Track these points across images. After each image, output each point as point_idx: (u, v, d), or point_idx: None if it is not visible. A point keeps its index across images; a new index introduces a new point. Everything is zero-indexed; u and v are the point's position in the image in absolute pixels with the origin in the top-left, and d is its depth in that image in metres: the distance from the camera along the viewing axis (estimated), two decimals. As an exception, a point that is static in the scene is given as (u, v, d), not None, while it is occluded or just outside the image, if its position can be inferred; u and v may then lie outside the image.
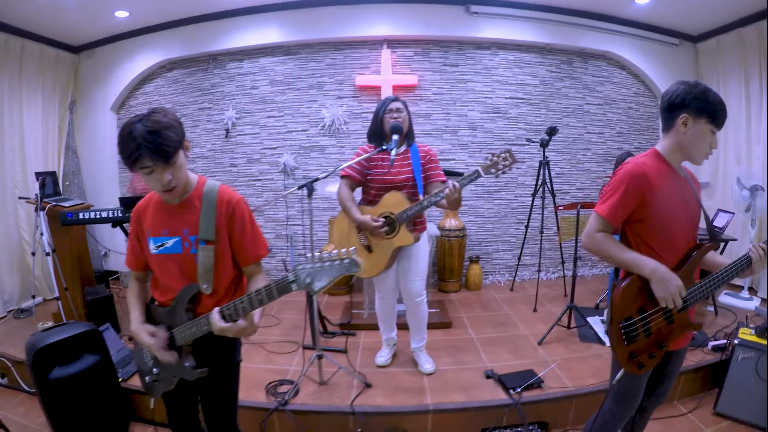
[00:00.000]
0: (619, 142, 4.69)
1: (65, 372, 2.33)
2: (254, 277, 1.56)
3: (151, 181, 1.34)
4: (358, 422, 2.34)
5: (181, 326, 1.45)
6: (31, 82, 4.21)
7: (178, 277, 1.47)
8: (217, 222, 1.45)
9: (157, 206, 1.49)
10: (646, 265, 1.46)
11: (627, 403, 1.67)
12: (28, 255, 4.17)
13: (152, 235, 1.47)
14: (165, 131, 1.29)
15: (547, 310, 3.75)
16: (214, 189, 1.48)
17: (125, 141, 1.27)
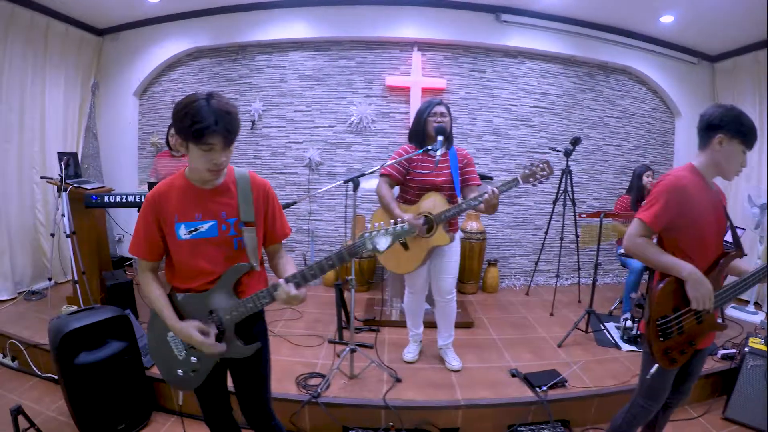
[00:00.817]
0: (635, 155, 4.94)
1: (91, 358, 2.33)
2: (278, 253, 1.66)
3: (203, 160, 1.36)
4: (390, 416, 2.44)
5: (230, 305, 1.49)
6: (54, 62, 4.27)
7: (217, 260, 1.49)
8: (255, 204, 1.53)
9: (183, 191, 1.48)
10: (683, 269, 1.64)
11: (657, 396, 1.84)
12: (42, 236, 4.23)
13: (182, 220, 1.46)
14: (236, 115, 1.38)
15: (563, 314, 3.95)
16: (245, 174, 1.55)
17: (195, 114, 1.29)
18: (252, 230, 1.52)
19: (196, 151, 1.35)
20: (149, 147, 4.90)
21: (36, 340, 3.02)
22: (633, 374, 2.82)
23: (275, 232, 1.62)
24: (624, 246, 1.79)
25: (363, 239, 1.40)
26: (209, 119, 1.29)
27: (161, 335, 1.57)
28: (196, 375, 1.57)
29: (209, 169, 1.39)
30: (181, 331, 1.47)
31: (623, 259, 3.78)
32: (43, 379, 2.92)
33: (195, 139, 1.32)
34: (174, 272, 1.56)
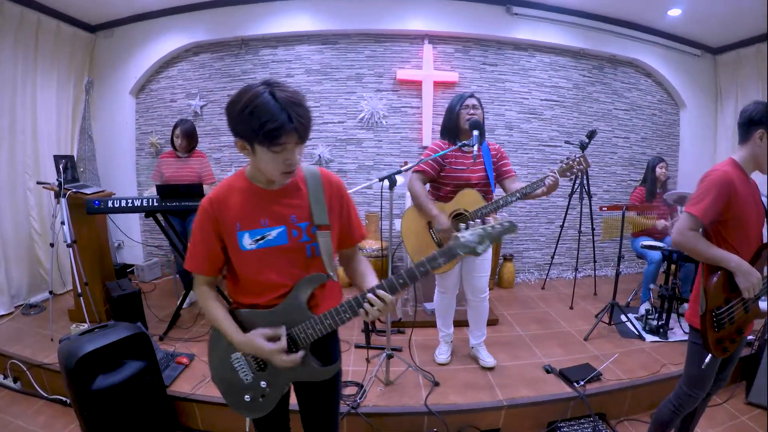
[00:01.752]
0: (643, 147, 5.10)
1: (109, 381, 2.20)
2: (355, 258, 1.53)
3: (275, 163, 1.21)
4: (432, 422, 2.44)
5: (305, 322, 1.33)
6: (46, 60, 4.12)
7: (287, 272, 1.34)
8: (328, 205, 1.37)
9: (245, 194, 1.33)
10: (732, 260, 1.74)
11: (703, 385, 1.93)
12: (38, 246, 4.09)
13: (246, 228, 1.31)
14: (306, 105, 1.18)
15: (582, 307, 4.06)
16: (315, 171, 1.40)
17: (263, 112, 1.11)
18: (327, 234, 1.36)
19: (266, 154, 1.18)
20: (148, 148, 4.79)
21: (40, 360, 2.88)
22: (661, 364, 2.94)
23: (351, 235, 1.48)
24: (673, 239, 1.87)
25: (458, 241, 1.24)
26: (281, 116, 1.11)
27: (224, 357, 1.43)
28: (265, 400, 1.43)
29: (283, 171, 1.23)
30: (246, 345, 1.32)
31: (641, 250, 3.89)
32: (50, 401, 2.78)
33: (266, 141, 1.14)
34: (237, 286, 1.41)
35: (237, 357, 1.41)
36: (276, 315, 1.35)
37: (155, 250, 4.92)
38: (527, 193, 2.48)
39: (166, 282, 4.67)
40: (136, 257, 4.83)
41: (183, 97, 4.68)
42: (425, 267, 1.27)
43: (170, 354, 2.93)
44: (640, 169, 4.94)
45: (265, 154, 1.18)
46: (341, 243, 1.47)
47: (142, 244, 4.87)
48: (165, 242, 4.79)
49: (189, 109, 4.64)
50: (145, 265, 4.65)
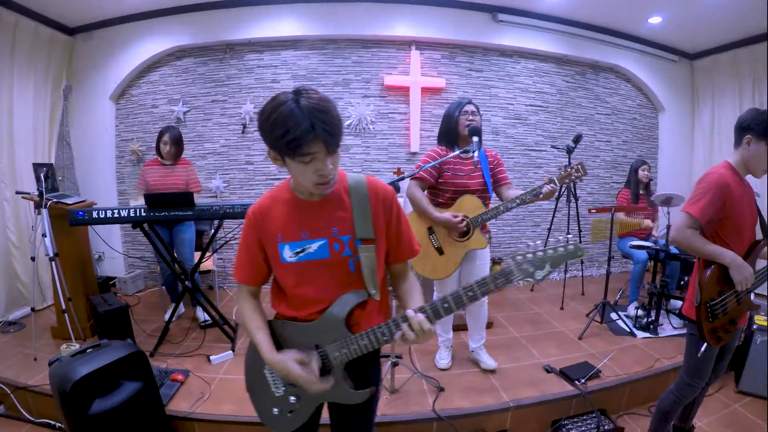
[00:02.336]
0: (624, 150, 5.31)
1: (107, 405, 2.10)
2: (403, 275, 1.45)
3: (306, 174, 1.17)
4: (441, 427, 2.46)
5: (340, 341, 1.30)
6: (22, 64, 3.97)
7: (326, 287, 1.31)
8: (374, 217, 1.31)
9: (288, 206, 1.31)
10: (727, 255, 1.88)
11: (702, 374, 2.06)
12: (15, 259, 3.92)
13: (287, 240, 1.29)
14: (333, 111, 1.13)
15: (572, 307, 4.18)
16: (361, 180, 1.34)
17: (286, 121, 1.08)
18: (371, 249, 1.30)
19: (295, 166, 1.15)
20: (128, 155, 4.67)
21: (24, 381, 2.73)
22: (654, 359, 3.06)
23: (401, 250, 1.40)
24: (671, 237, 2.02)
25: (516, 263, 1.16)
26: (304, 124, 1.07)
27: (258, 368, 1.41)
28: (293, 416, 1.40)
29: (317, 183, 1.18)
30: (276, 365, 1.29)
31: (627, 250, 4.03)
32: (38, 425, 2.64)
33: (291, 151, 1.11)
34: (280, 297, 1.41)
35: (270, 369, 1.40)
36: (312, 330, 1.33)
37: (137, 262, 4.79)
38: (526, 200, 2.57)
39: (149, 294, 4.56)
40: (118, 269, 4.69)
41: (165, 102, 4.60)
42: (474, 292, 1.18)
43: (164, 371, 2.83)
44: (622, 171, 5.14)
45: (296, 166, 1.16)
46: (390, 258, 1.41)
47: (125, 255, 4.72)
48: (147, 253, 4.69)
49: (171, 116, 4.57)
50: (128, 278, 4.52)
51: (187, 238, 3.68)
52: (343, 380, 1.33)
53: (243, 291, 1.42)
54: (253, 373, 1.45)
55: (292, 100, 1.09)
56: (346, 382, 1.33)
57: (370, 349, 1.29)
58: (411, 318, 1.19)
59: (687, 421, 2.39)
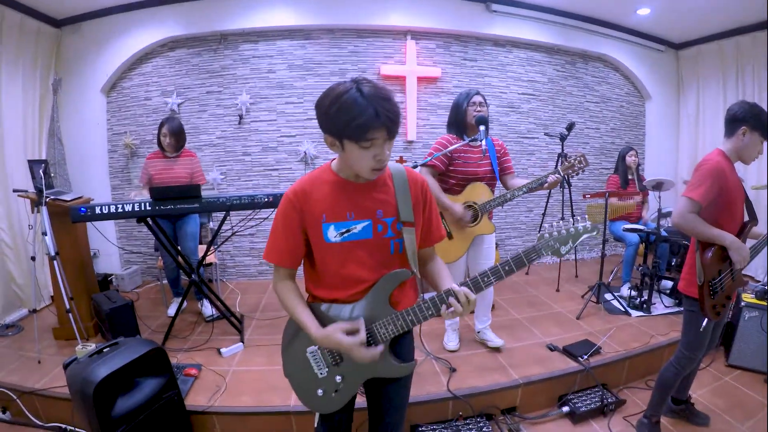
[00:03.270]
0: (612, 137, 5.53)
1: (130, 404, 2.09)
2: (432, 258, 1.56)
3: (365, 159, 1.24)
4: (456, 406, 2.59)
5: (385, 318, 1.37)
6: (9, 57, 3.87)
7: (369, 266, 1.38)
8: (414, 202, 1.40)
9: (332, 187, 1.36)
10: (726, 238, 2.07)
11: (701, 346, 2.25)
12: (10, 260, 3.83)
13: (332, 220, 1.34)
14: (395, 100, 1.23)
15: (567, 289, 4.38)
16: (401, 168, 1.44)
17: (353, 108, 1.16)
18: (411, 231, 1.39)
19: (356, 151, 1.22)
20: (121, 149, 4.63)
21: (30, 386, 2.67)
22: (650, 336, 3.26)
23: (431, 234, 1.51)
24: (674, 221, 2.17)
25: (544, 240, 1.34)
26: (369, 111, 1.15)
27: (299, 351, 1.46)
28: (338, 395, 1.45)
29: (373, 168, 1.26)
30: (325, 340, 1.33)
31: (620, 233, 4.23)
32: (48, 430, 2.60)
33: (355, 136, 1.18)
34: (318, 280, 1.44)
35: (312, 351, 1.44)
36: (357, 310, 1.39)
37: (133, 258, 4.77)
38: (532, 188, 2.73)
39: (148, 290, 4.55)
40: (114, 266, 4.65)
41: (158, 94, 4.57)
42: (510, 266, 1.32)
43: (177, 366, 2.83)
44: (611, 158, 5.35)
45: (355, 151, 1.22)
46: (421, 242, 1.49)
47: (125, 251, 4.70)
48: (144, 248, 4.67)
49: (165, 107, 4.54)
50: (125, 274, 4.50)
51: (190, 231, 3.69)
52: (388, 356, 1.41)
53: (280, 273, 1.44)
54: (293, 357, 1.49)
55: (355, 89, 1.18)
56: (392, 358, 1.42)
57: (416, 324, 1.37)
58: (458, 292, 1.29)
59: (684, 392, 2.58)
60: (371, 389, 1.55)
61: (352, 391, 1.47)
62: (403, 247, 1.39)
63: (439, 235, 1.54)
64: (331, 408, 1.48)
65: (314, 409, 1.51)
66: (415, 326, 1.39)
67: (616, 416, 2.68)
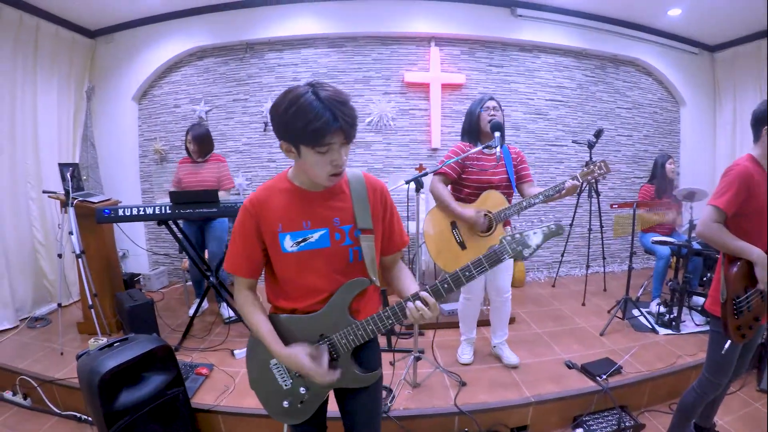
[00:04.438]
0: (645, 144, 5.33)
1: (134, 397, 2.18)
2: (397, 265, 1.53)
3: (321, 164, 1.20)
4: (463, 422, 2.52)
5: (346, 329, 1.36)
6: (45, 66, 4.13)
7: (326, 276, 1.35)
8: (372, 209, 1.37)
9: (288, 196, 1.33)
10: (753, 252, 1.87)
11: (725, 372, 2.07)
12: (42, 257, 4.08)
13: (288, 230, 1.31)
14: (351, 103, 1.19)
15: (594, 303, 4.22)
16: (358, 174, 1.41)
17: (308, 112, 1.12)
18: (370, 239, 1.36)
19: (312, 156, 1.18)
20: (151, 154, 4.82)
21: (51, 375, 2.85)
22: (677, 356, 3.08)
23: (393, 241, 1.48)
24: (697, 231, 2.00)
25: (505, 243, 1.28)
26: (326, 115, 1.12)
27: (263, 362, 1.44)
28: (304, 406, 1.44)
29: (330, 173, 1.23)
30: (287, 359, 1.33)
31: (651, 246, 4.06)
32: (64, 418, 2.75)
33: (311, 141, 1.15)
34: (278, 290, 1.42)
35: (276, 362, 1.42)
36: (316, 320, 1.36)
37: (161, 259, 4.95)
38: (549, 195, 2.57)
39: (173, 290, 4.71)
40: (142, 266, 4.85)
41: (187, 102, 4.74)
42: (471, 272, 1.28)
43: (189, 365, 2.94)
44: (644, 166, 5.16)
45: (311, 156, 1.19)
46: (383, 249, 1.47)
47: (151, 252, 4.88)
48: (172, 250, 4.83)
49: (194, 115, 4.70)
50: (152, 274, 4.68)
51: (216, 235, 3.79)
52: (351, 366, 1.40)
53: (240, 284, 1.41)
54: (257, 369, 1.48)
55: (311, 93, 1.14)
56: (355, 367, 1.40)
57: (377, 333, 1.36)
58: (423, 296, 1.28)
59: (708, 420, 2.40)
60: (341, 398, 1.53)
61: (318, 402, 1.45)
62: (362, 255, 1.36)
63: (401, 241, 1.50)
64: (298, 419, 1.46)
65: (282, 420, 1.50)
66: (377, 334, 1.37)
67: (634, 441, 2.53)
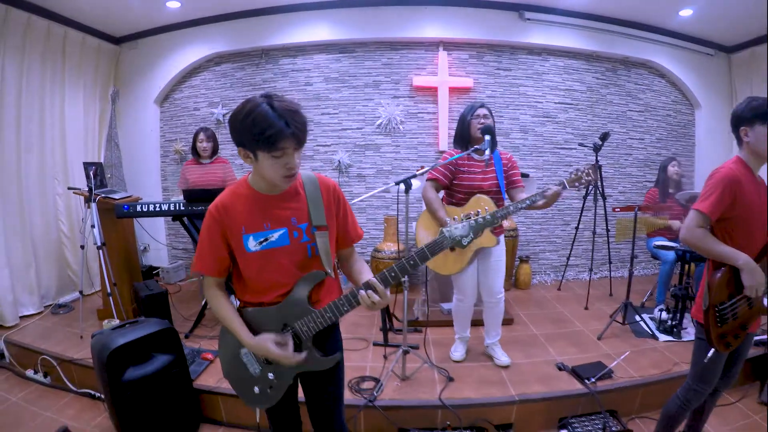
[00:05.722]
0: (658, 147, 5.26)
1: (139, 373, 2.39)
2: (352, 257, 1.67)
3: (275, 167, 1.33)
4: (446, 415, 2.59)
5: (306, 317, 1.48)
6: (72, 71, 4.42)
7: (287, 271, 1.49)
8: (326, 207, 1.51)
9: (249, 200, 1.47)
10: (739, 258, 1.82)
11: (709, 380, 2.02)
12: (66, 248, 4.37)
13: (251, 231, 1.45)
14: (302, 113, 1.33)
15: (597, 308, 4.21)
16: (312, 176, 1.55)
17: (262, 121, 1.25)
18: (324, 234, 1.50)
19: (267, 160, 1.31)
20: (172, 154, 5.10)
21: (70, 355, 3.13)
22: (674, 363, 3.04)
23: (348, 235, 1.62)
24: (681, 236, 1.97)
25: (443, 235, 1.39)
26: (279, 123, 1.25)
27: (234, 352, 1.58)
28: (273, 391, 1.58)
29: (285, 175, 1.36)
30: (256, 347, 1.47)
31: (655, 250, 4.03)
32: (79, 395, 3.02)
33: (267, 146, 1.28)
34: (243, 287, 1.56)
35: (245, 352, 1.56)
36: (279, 311, 1.50)
37: (180, 253, 5.21)
38: (533, 201, 2.57)
39: (190, 284, 4.95)
40: (162, 260, 5.14)
41: (206, 105, 4.98)
42: (414, 260, 1.42)
43: (196, 350, 3.15)
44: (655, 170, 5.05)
45: (267, 160, 1.32)
46: (339, 243, 1.62)
47: (170, 247, 5.16)
48: (190, 245, 5.09)
49: (212, 117, 4.93)
50: (170, 268, 4.94)
51: None
52: (313, 351, 1.52)
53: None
54: (228, 359, 1.61)
55: (266, 103, 1.27)
56: (316, 352, 1.53)
57: (334, 320, 1.49)
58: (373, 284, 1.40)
59: (697, 429, 2.35)
60: (306, 383, 1.66)
61: (285, 385, 1.58)
62: (318, 250, 1.49)
63: (356, 234, 1.65)
64: (268, 403, 1.61)
65: (254, 405, 1.64)
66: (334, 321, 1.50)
67: (619, 447, 2.51)
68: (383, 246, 4.40)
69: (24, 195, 3.97)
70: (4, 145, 3.78)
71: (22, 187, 3.94)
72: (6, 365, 3.40)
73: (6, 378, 3.28)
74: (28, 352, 3.33)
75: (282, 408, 1.66)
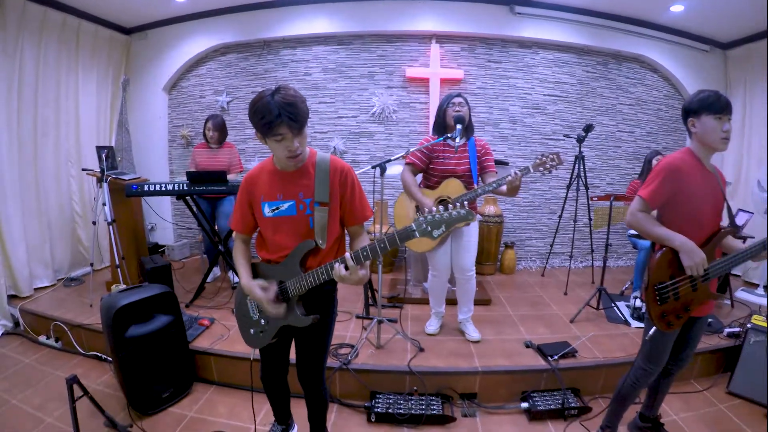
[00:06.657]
0: (648, 141, 5.33)
1: (141, 331, 2.65)
2: (358, 236, 1.85)
3: (279, 149, 1.60)
4: (413, 381, 2.81)
5: (295, 278, 1.73)
6: (86, 60, 4.70)
7: (292, 236, 1.75)
8: (331, 186, 1.72)
9: (270, 174, 1.75)
10: (676, 239, 1.92)
11: (656, 359, 2.10)
12: (79, 226, 4.67)
13: (267, 200, 1.74)
14: (299, 104, 1.55)
15: (576, 294, 4.34)
16: (326, 158, 1.76)
17: (263, 110, 1.51)
18: (324, 210, 1.72)
19: (272, 143, 1.60)
20: (179, 139, 5.39)
21: (80, 321, 3.42)
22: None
23: (354, 214, 1.82)
24: (626, 220, 2.10)
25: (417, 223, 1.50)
26: (271, 114, 1.50)
27: (243, 297, 1.93)
28: (263, 335, 1.88)
29: (287, 156, 1.63)
30: (246, 286, 1.80)
31: (633, 239, 4.13)
32: (88, 357, 3.32)
33: (267, 131, 1.55)
34: (261, 245, 1.87)
35: (250, 298, 1.88)
36: (279, 269, 1.79)
37: (185, 232, 5.51)
38: (499, 184, 2.81)
39: (193, 261, 5.27)
40: (168, 238, 5.46)
41: (211, 93, 5.25)
42: (384, 243, 1.58)
43: (194, 317, 3.45)
44: (645, 162, 5.15)
45: (272, 143, 1.61)
46: (346, 220, 1.83)
47: (176, 225, 5.48)
48: (194, 224, 5.37)
49: (217, 105, 5.20)
50: (176, 246, 5.25)
51: (225, 210, 4.25)
52: (296, 308, 1.78)
53: (237, 238, 1.92)
54: (239, 300, 1.97)
55: (270, 96, 1.53)
56: (299, 309, 1.78)
57: (313, 284, 1.70)
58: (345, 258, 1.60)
59: (652, 409, 2.43)
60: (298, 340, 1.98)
61: (273, 331, 1.85)
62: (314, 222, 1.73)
63: (362, 215, 1.84)
64: (259, 344, 1.93)
65: (249, 344, 1.97)
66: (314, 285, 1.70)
67: (576, 422, 2.65)
68: (372, 228, 4.61)
69: (40, 177, 4.25)
70: (23, 131, 4.06)
71: (38, 169, 4.24)
72: (20, 332, 3.71)
73: (20, 343, 3.59)
74: (41, 320, 3.64)
75: (272, 355, 2.02)
